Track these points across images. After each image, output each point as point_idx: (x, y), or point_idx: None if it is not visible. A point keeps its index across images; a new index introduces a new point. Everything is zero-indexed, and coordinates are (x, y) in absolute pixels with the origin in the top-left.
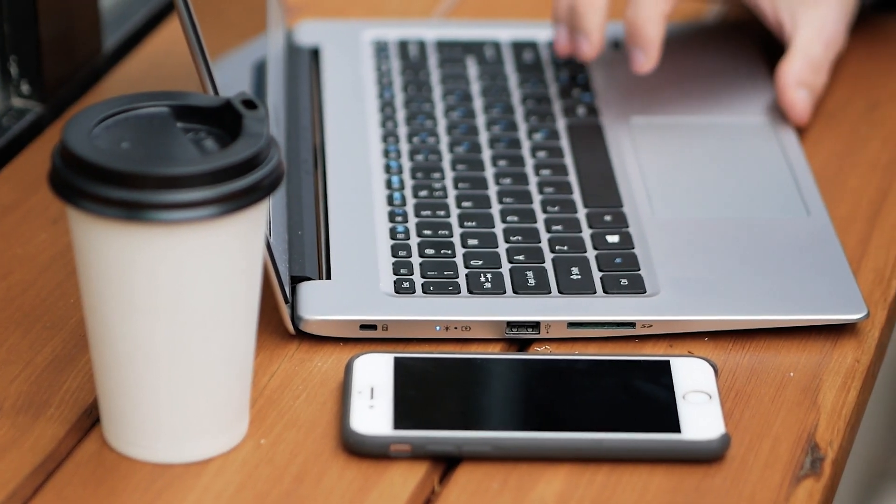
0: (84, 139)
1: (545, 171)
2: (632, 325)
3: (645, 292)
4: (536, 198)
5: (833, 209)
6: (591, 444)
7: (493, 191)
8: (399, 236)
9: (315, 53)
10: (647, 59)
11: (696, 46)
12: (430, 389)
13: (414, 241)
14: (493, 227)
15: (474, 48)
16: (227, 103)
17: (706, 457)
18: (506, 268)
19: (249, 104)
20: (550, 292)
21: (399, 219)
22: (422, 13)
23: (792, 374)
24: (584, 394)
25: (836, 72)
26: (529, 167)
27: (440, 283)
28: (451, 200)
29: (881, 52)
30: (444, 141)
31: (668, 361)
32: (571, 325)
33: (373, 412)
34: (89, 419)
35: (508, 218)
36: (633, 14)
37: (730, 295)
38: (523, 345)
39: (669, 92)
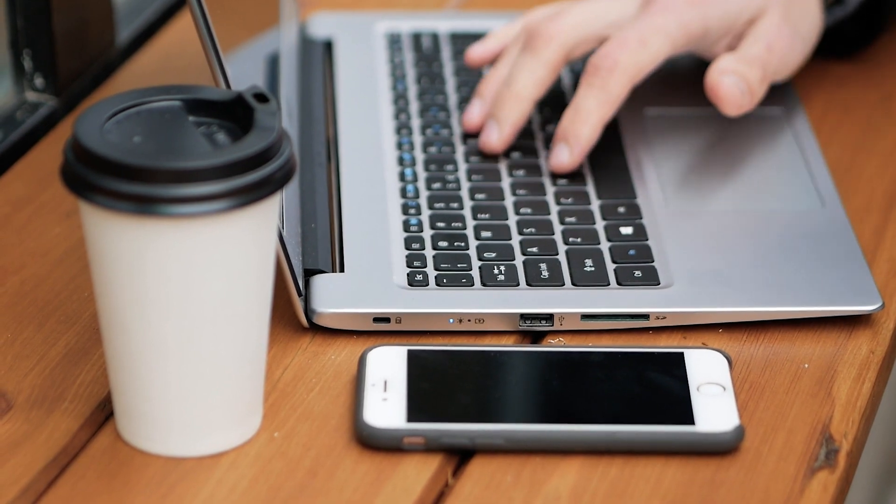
0: (96, 133)
1: None
2: (645, 317)
3: (659, 284)
4: (550, 189)
5: (847, 200)
6: (605, 436)
7: (506, 182)
8: (412, 229)
9: (328, 46)
10: (570, 158)
11: None
12: (443, 382)
13: (427, 233)
14: (507, 219)
15: None
16: (239, 97)
17: (720, 449)
18: (519, 260)
19: (261, 97)
20: (564, 284)
21: (412, 211)
22: (435, 5)
23: (806, 365)
24: (597, 386)
25: (851, 63)
26: (542, 158)
27: (453, 275)
28: (464, 192)
29: (895, 42)
30: (458, 132)
31: (681, 353)
32: (585, 317)
33: (386, 405)
34: (103, 413)
35: (522, 210)
36: (572, 111)
37: (744, 286)
38: (537, 337)
39: (683, 83)
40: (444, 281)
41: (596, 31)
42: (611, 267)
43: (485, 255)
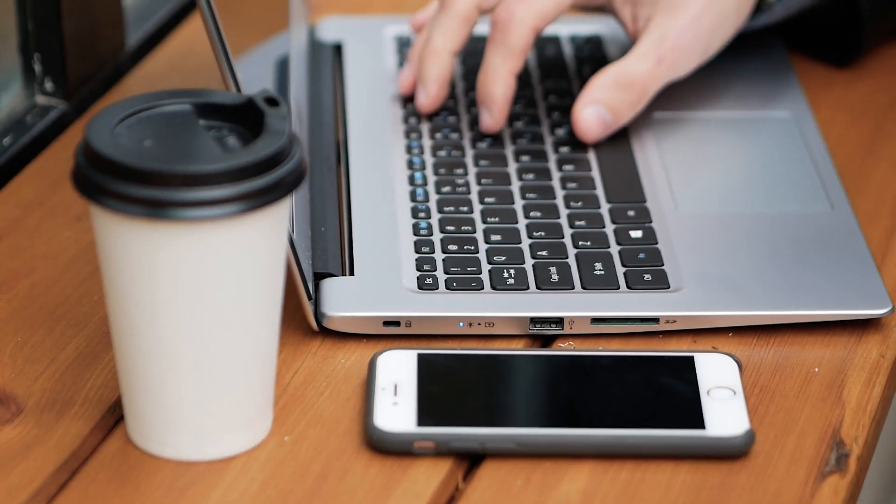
0: (107, 137)
1: (568, 167)
2: (655, 320)
3: (668, 288)
4: (559, 193)
5: (857, 204)
6: (616, 440)
7: (515, 187)
8: (422, 232)
9: (338, 49)
10: (492, 119)
11: None
12: (453, 386)
13: (437, 237)
14: (516, 222)
15: None
16: (250, 101)
17: (731, 453)
18: (529, 263)
19: (272, 101)
20: (574, 288)
21: (422, 215)
22: None
23: (816, 369)
24: (607, 390)
25: (860, 66)
26: (552, 163)
27: (463, 279)
28: (473, 196)
29: None
30: (467, 136)
31: (692, 357)
32: (595, 320)
33: (396, 409)
34: (113, 417)
35: (531, 214)
36: (482, 72)
37: (753, 290)
38: (547, 341)
39: (692, 87)
40: (454, 284)
41: None
42: (620, 270)
43: (494, 258)
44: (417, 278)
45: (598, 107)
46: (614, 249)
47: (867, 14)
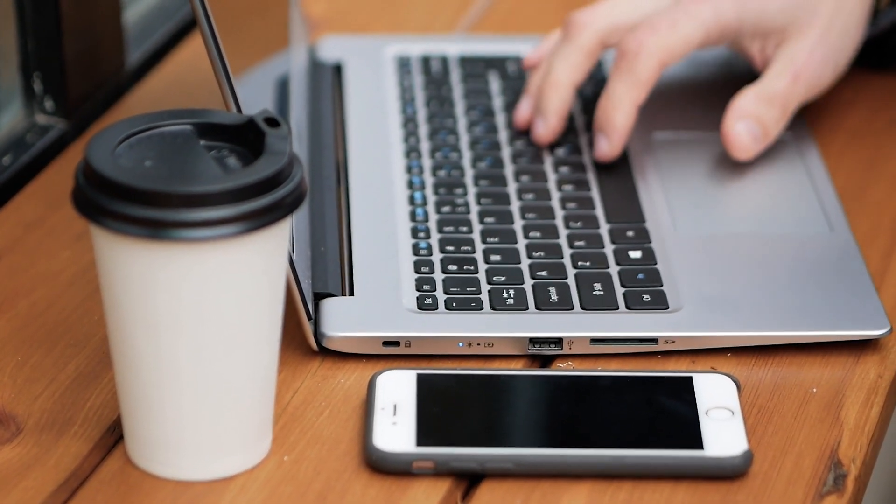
0: (107, 157)
1: (567, 187)
2: (654, 341)
3: (667, 308)
4: (559, 213)
5: (856, 225)
6: (614, 460)
7: (515, 206)
8: (422, 252)
9: (338, 69)
10: (609, 147)
11: (719, 63)
12: (452, 406)
13: (436, 257)
14: (516, 242)
15: (497, 63)
16: (250, 121)
17: (729, 473)
18: (528, 284)
19: (272, 122)
20: (573, 308)
21: (421, 235)
22: (444, 28)
23: (815, 389)
24: (606, 410)
25: (858, 88)
26: (552, 183)
27: (463, 299)
28: (473, 216)
29: None
30: (467, 156)
31: (690, 378)
32: (594, 341)
33: (396, 429)
34: (113, 436)
35: (531, 234)
36: (604, 99)
37: (752, 311)
38: (546, 361)
39: (692, 108)
40: (454, 305)
41: (631, 20)
42: (620, 291)
43: (494, 278)
44: (417, 298)
45: (747, 121)
46: (613, 270)
47: None
